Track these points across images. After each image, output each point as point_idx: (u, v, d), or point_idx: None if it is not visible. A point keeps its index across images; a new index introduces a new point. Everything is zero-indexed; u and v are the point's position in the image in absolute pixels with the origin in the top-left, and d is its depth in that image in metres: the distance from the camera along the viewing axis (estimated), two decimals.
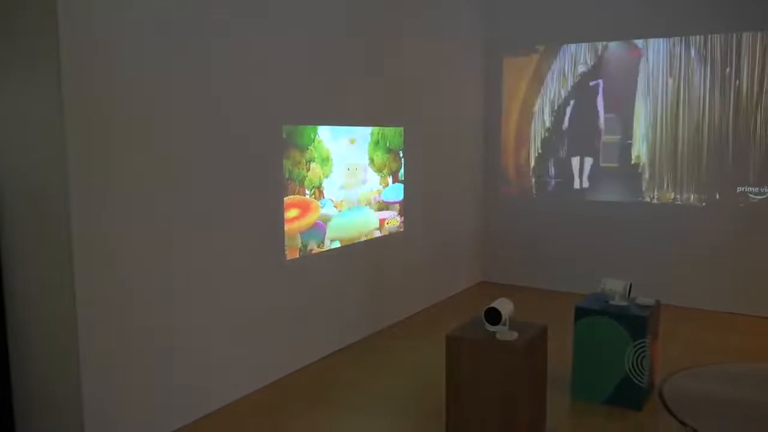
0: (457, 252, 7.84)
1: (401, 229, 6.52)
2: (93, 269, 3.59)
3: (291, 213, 5.11)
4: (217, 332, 4.44)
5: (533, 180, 8.15)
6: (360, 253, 5.97)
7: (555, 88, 7.89)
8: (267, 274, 4.90)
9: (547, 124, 8.00)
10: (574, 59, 7.74)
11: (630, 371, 4.43)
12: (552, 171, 8.01)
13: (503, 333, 3.80)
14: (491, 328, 3.85)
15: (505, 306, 3.89)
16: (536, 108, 8.04)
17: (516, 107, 8.19)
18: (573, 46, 7.71)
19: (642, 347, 4.40)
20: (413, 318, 6.80)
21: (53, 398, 3.75)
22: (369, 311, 6.15)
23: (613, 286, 4.59)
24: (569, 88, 7.80)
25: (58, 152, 3.44)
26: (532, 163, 8.13)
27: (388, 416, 4.42)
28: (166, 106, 3.99)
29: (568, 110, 7.84)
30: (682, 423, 4.23)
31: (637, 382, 4.43)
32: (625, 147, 7.52)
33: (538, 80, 8.00)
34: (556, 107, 7.91)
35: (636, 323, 4.41)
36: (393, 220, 6.39)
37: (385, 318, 6.41)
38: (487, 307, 3.87)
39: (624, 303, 4.58)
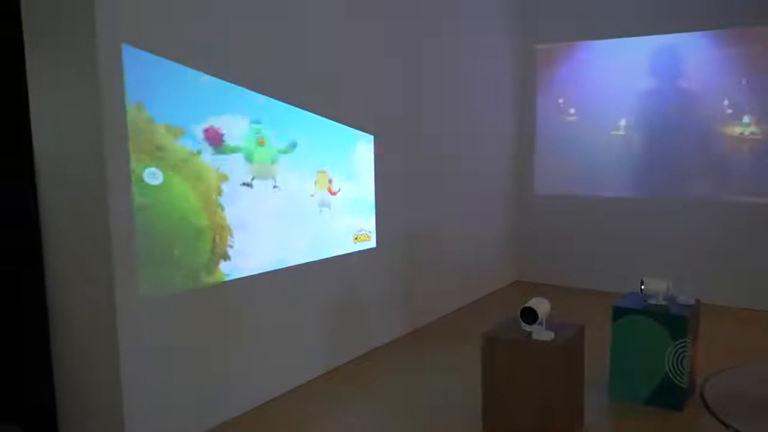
0: (491, 251, 7.80)
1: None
2: (132, 269, 3.67)
3: None
4: (250, 333, 4.49)
5: (566, 176, 8.07)
6: (388, 255, 5.98)
7: (588, 82, 7.82)
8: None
9: (580, 118, 7.92)
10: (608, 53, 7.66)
11: (670, 371, 4.36)
12: (586, 167, 7.93)
13: (539, 332, 3.77)
14: (527, 328, 3.82)
15: (541, 305, 3.86)
16: (568, 102, 7.97)
17: (548, 102, 8.13)
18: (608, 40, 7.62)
19: (683, 347, 4.32)
20: (448, 317, 6.78)
21: (95, 401, 3.83)
22: (402, 311, 6.16)
23: (654, 285, 4.52)
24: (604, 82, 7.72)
25: (97, 149, 3.52)
26: (563, 160, 8.06)
27: (423, 416, 4.42)
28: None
29: (600, 105, 7.76)
30: (724, 424, 4.16)
31: (677, 382, 4.36)
32: (661, 143, 7.41)
33: (570, 74, 7.92)
34: (588, 101, 7.83)
35: (676, 323, 4.33)
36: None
37: (419, 318, 6.41)
38: (523, 306, 3.84)
39: (663, 302, 4.50)
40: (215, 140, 4.09)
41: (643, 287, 4.56)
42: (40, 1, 3.69)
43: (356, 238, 5.48)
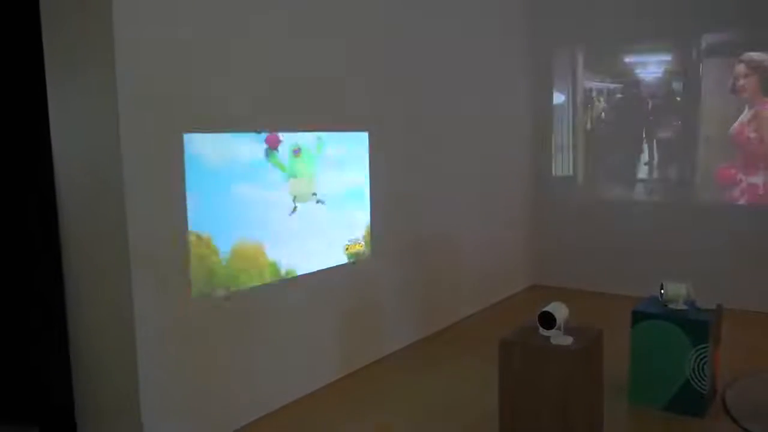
0: (507, 255, 7.74)
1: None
2: (150, 273, 3.68)
3: None
4: (265, 338, 4.50)
5: (586, 180, 8.01)
6: (411, 257, 5.96)
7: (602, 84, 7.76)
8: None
9: (596, 121, 7.86)
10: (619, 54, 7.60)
11: (691, 377, 4.30)
12: (605, 170, 7.87)
13: (558, 337, 3.74)
14: (545, 333, 3.78)
15: (559, 310, 3.82)
16: (585, 103, 7.92)
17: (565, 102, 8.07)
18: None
19: (703, 352, 4.26)
20: (464, 322, 6.74)
21: (113, 404, 3.85)
22: (418, 315, 6.13)
23: (675, 289, 4.46)
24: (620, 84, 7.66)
25: (113, 153, 3.55)
26: (584, 162, 8.00)
27: (439, 421, 4.40)
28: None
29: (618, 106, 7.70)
30: (746, 430, 4.09)
31: (698, 388, 4.30)
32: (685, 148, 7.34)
33: (587, 76, 7.88)
34: (602, 103, 7.77)
35: (697, 328, 4.27)
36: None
37: (435, 322, 6.38)
38: (541, 311, 3.80)
39: (684, 307, 4.44)
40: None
41: (663, 291, 4.51)
42: (58, 7, 3.73)
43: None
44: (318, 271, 4.88)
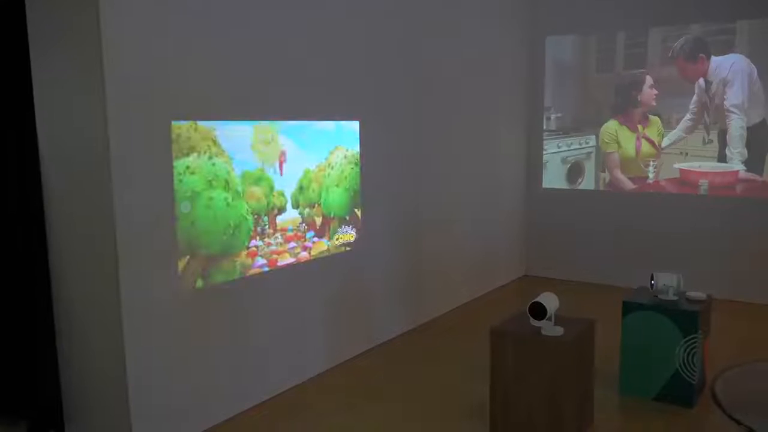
0: (498, 245, 7.74)
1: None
2: (137, 267, 3.65)
3: None
4: (255, 330, 4.48)
5: (577, 170, 8.01)
6: (398, 246, 5.95)
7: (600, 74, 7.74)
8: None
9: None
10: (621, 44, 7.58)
11: (681, 367, 4.31)
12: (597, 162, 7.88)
13: (548, 328, 3.74)
14: (536, 323, 3.78)
15: (549, 300, 3.82)
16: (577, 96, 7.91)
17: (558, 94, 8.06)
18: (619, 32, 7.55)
19: (693, 343, 4.27)
20: (455, 312, 6.75)
21: (101, 397, 3.83)
22: (409, 306, 6.13)
23: (666, 280, 4.47)
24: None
25: (101, 144, 3.51)
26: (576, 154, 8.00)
27: (430, 412, 4.40)
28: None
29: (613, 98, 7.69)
30: (736, 421, 4.10)
31: (688, 378, 4.31)
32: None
33: (581, 66, 7.86)
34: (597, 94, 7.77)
35: (687, 318, 4.28)
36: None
37: (426, 313, 6.38)
38: (532, 301, 3.80)
39: (674, 297, 4.45)
40: None
41: (653, 282, 4.51)
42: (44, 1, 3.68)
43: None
44: (307, 260, 4.86)
